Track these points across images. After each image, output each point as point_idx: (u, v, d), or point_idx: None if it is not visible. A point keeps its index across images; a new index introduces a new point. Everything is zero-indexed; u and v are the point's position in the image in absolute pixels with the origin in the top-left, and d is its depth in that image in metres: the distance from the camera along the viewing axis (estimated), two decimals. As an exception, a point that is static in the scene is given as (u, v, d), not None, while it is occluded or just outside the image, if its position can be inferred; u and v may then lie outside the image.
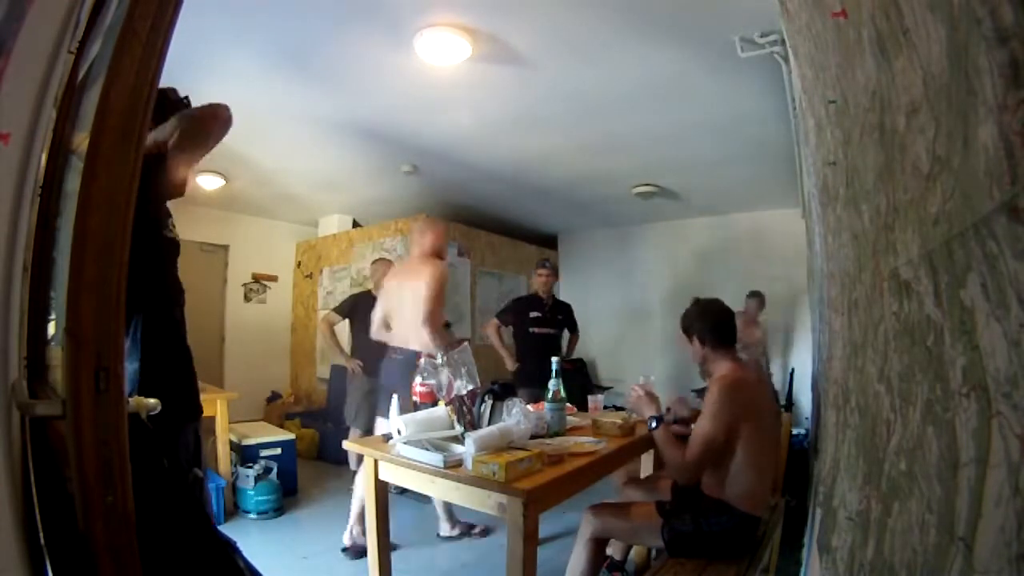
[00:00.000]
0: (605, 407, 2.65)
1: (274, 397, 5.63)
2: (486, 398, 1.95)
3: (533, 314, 3.76)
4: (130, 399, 0.82)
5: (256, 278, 5.83)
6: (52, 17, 0.85)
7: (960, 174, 0.51)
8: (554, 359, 2.22)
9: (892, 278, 0.75)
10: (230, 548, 1.12)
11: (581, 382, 5.57)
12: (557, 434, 2.03)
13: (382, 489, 1.96)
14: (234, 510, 3.23)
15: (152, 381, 1.13)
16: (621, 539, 2.19)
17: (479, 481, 1.54)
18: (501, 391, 1.96)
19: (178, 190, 1.25)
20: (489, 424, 1.85)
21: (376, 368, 2.93)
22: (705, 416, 1.76)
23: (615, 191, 4.78)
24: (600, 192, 4.89)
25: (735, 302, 5.26)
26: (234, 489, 3.27)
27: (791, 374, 4.24)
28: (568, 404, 2.53)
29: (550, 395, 2.11)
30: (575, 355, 5.87)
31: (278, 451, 3.48)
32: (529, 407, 2.18)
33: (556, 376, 2.15)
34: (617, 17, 2.24)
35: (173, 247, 1.32)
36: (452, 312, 5.04)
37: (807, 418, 3.16)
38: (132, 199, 0.75)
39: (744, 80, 2.66)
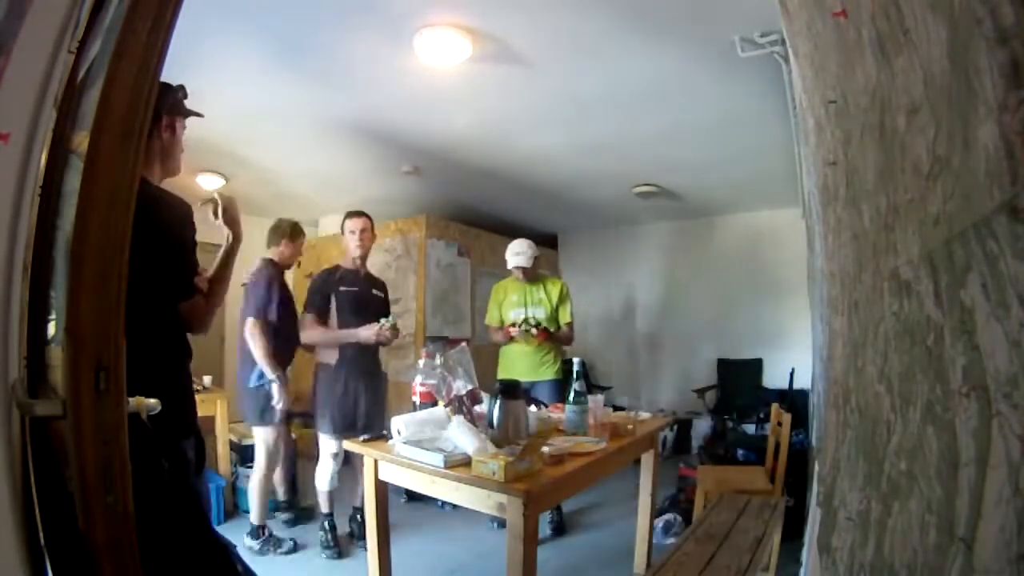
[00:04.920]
0: (605, 406, 2.65)
1: (274, 397, 5.62)
2: (495, 398, 1.92)
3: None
4: (130, 399, 0.82)
5: (256, 278, 5.82)
6: (52, 17, 0.85)
7: (960, 174, 0.51)
8: (576, 359, 2.22)
9: (892, 278, 0.75)
10: (228, 551, 1.12)
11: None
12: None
13: (382, 489, 1.96)
14: (234, 510, 3.23)
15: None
16: None
17: (479, 481, 1.54)
18: (511, 390, 1.93)
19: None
20: (502, 424, 1.83)
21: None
22: None
23: (615, 191, 4.78)
24: (600, 192, 4.88)
25: (735, 302, 5.28)
26: (234, 489, 3.27)
27: (791, 374, 4.24)
28: (558, 404, 2.54)
29: (571, 397, 2.11)
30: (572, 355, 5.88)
31: (278, 451, 3.47)
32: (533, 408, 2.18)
33: (578, 378, 2.15)
34: (617, 17, 2.24)
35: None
36: (452, 312, 5.04)
37: (807, 418, 3.16)
38: (132, 199, 0.75)
39: (744, 80, 2.66)
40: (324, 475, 2.72)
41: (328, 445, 2.70)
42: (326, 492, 2.75)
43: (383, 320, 2.70)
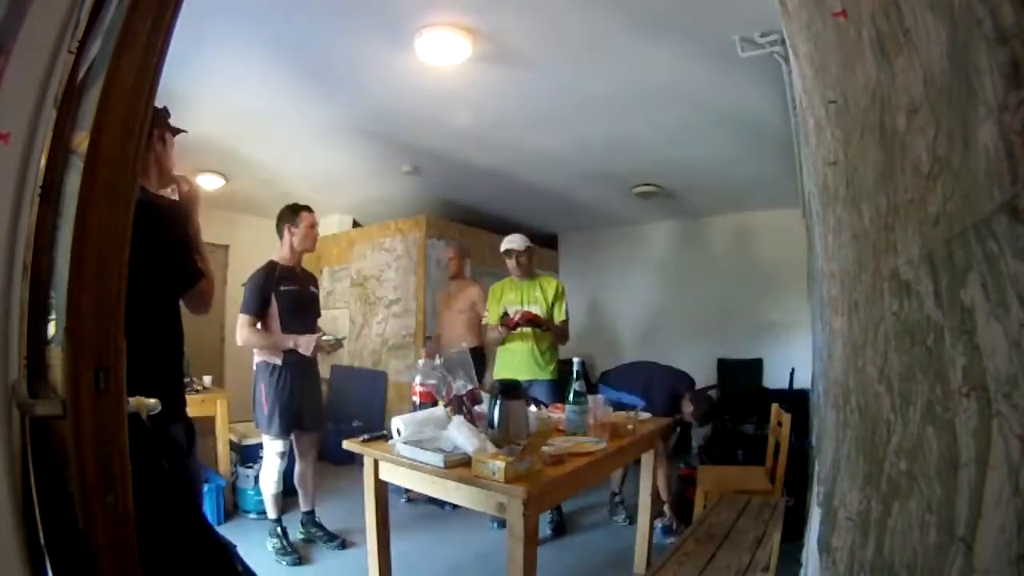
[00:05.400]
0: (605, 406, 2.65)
1: (274, 397, 5.62)
2: (495, 398, 1.92)
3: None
4: (130, 399, 0.82)
5: (256, 278, 5.82)
6: (52, 17, 0.85)
7: (960, 174, 0.51)
8: (576, 359, 2.21)
9: (892, 278, 0.75)
10: (228, 552, 1.12)
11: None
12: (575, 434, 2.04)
13: (382, 489, 1.96)
14: (234, 510, 3.23)
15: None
16: None
17: (479, 481, 1.54)
18: (511, 390, 1.92)
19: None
20: (502, 424, 1.83)
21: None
22: None
23: (615, 191, 4.78)
24: (600, 192, 4.88)
25: (735, 302, 5.28)
26: (234, 489, 3.27)
27: (791, 374, 4.24)
28: (558, 404, 2.54)
29: (571, 397, 2.11)
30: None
31: (278, 451, 3.47)
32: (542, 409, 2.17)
33: (578, 377, 2.15)
34: (617, 17, 2.24)
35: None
36: (452, 312, 5.04)
37: (807, 418, 3.16)
38: (132, 199, 0.75)
39: (744, 80, 2.66)
40: (271, 477, 2.67)
41: (274, 445, 2.66)
42: (273, 495, 2.69)
43: (330, 337, 2.72)
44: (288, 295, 2.70)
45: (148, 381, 1.22)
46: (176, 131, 1.56)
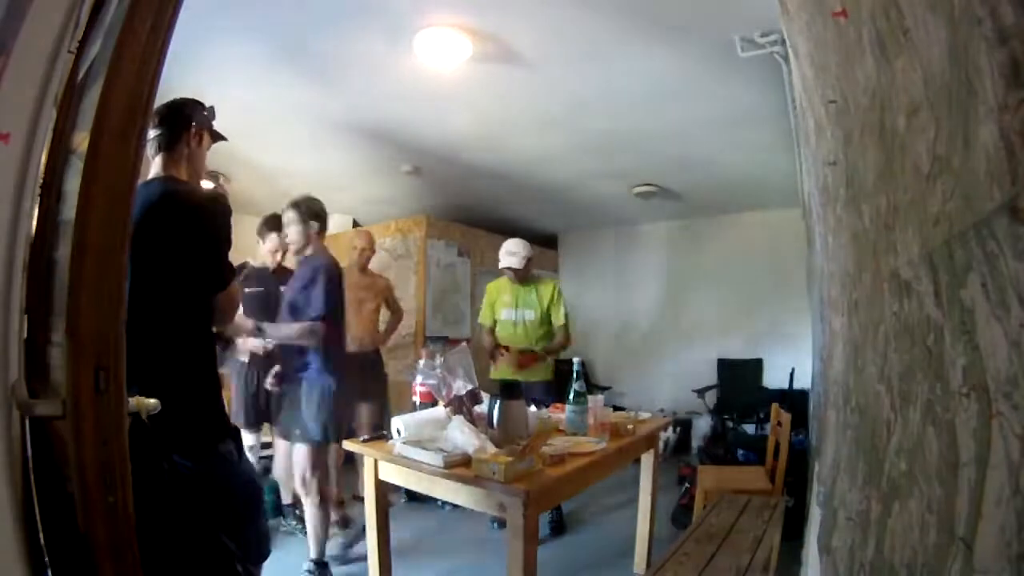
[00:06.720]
0: (605, 406, 2.65)
1: (274, 397, 5.61)
2: (495, 398, 1.92)
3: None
4: (130, 399, 0.82)
5: (256, 278, 5.81)
6: (52, 17, 0.85)
7: (960, 174, 0.51)
8: (575, 359, 2.21)
9: (892, 278, 0.75)
10: (231, 554, 1.12)
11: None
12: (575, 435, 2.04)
13: (382, 489, 1.96)
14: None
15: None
16: None
17: (480, 481, 1.54)
18: (511, 390, 1.93)
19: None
20: (502, 424, 1.83)
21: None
22: None
23: (615, 191, 4.78)
24: (600, 192, 4.88)
25: (735, 302, 5.28)
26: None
27: (791, 374, 4.24)
28: (558, 403, 2.54)
29: (571, 397, 2.11)
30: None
31: (278, 451, 3.47)
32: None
33: (578, 378, 2.15)
34: (617, 17, 2.24)
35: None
36: (452, 312, 5.04)
37: (807, 418, 3.16)
38: (132, 199, 0.75)
39: (744, 80, 2.66)
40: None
41: (245, 439, 2.67)
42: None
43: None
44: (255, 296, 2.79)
45: (187, 391, 1.21)
46: (217, 136, 1.55)
